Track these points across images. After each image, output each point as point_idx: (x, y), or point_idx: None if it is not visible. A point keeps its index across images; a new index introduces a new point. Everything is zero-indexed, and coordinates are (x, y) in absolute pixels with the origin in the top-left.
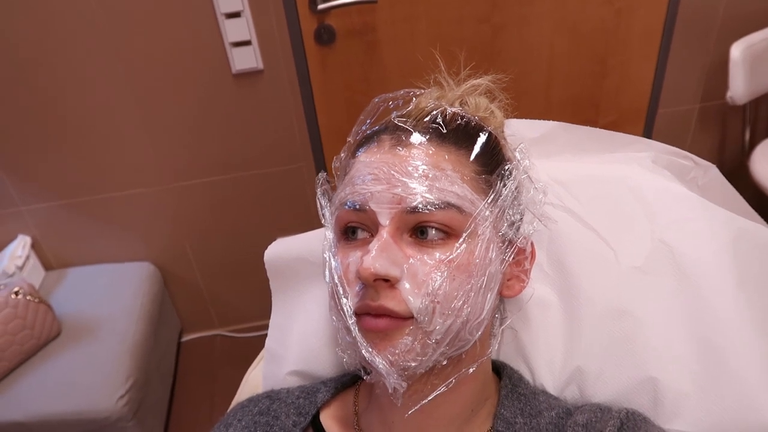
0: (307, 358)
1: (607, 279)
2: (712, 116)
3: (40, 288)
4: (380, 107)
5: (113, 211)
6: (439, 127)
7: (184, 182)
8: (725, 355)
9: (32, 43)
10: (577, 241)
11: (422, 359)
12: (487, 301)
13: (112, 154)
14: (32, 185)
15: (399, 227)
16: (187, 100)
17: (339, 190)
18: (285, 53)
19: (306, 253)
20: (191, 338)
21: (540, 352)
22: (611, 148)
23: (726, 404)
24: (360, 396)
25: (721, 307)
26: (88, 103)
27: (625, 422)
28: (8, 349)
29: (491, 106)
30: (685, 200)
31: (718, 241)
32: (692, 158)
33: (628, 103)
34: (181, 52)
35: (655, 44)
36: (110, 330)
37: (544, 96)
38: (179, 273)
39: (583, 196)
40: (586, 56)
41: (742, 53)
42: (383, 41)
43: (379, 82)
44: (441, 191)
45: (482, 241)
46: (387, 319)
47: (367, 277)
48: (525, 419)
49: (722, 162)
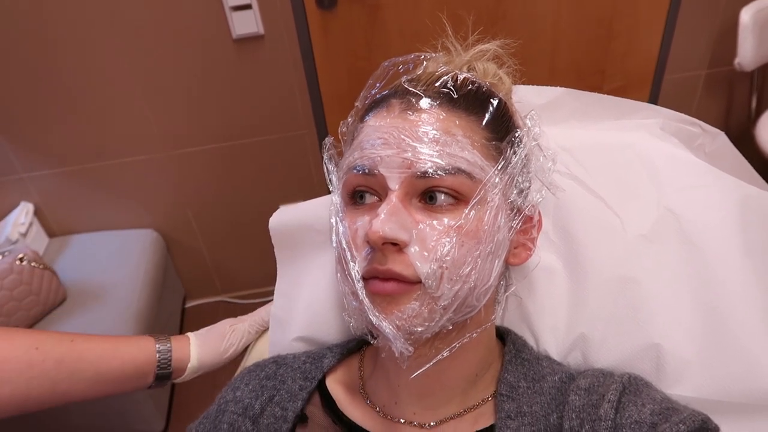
0: (313, 325)
1: (613, 246)
2: (719, 83)
3: (44, 255)
4: (389, 71)
5: (115, 178)
6: (449, 93)
7: (186, 149)
8: (730, 323)
9: (32, 11)
10: (584, 208)
11: (429, 324)
12: (494, 267)
13: (114, 121)
14: (34, 152)
15: (408, 192)
16: (188, 66)
17: (347, 155)
18: (286, 18)
19: (311, 220)
20: (195, 304)
21: (544, 319)
22: (619, 115)
23: (729, 371)
24: (365, 361)
25: (726, 275)
26: (88, 70)
27: (627, 386)
28: (15, 314)
29: (499, 72)
30: (692, 167)
31: (725, 208)
32: (700, 125)
33: (635, 69)
34: (180, 16)
35: (664, 8)
36: (114, 296)
37: (549, 61)
38: (182, 240)
39: (589, 163)
40: (592, 20)
41: (752, 17)
42: (386, 6)
43: (381, 48)
44: (451, 157)
45: (491, 208)
46: (395, 283)
47: (375, 241)
48: (528, 383)
49: (728, 129)
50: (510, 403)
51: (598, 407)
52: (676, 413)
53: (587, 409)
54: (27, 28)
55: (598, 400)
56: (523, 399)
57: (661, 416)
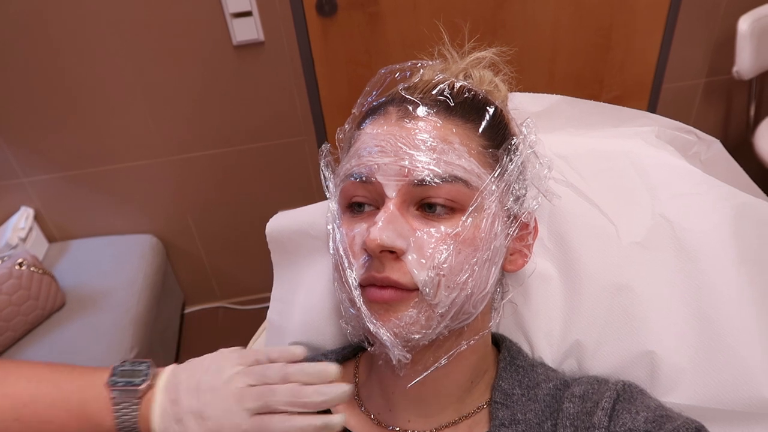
0: (309, 331)
1: (608, 254)
2: (718, 91)
3: (44, 260)
4: (387, 78)
5: (115, 183)
6: (446, 100)
7: (186, 155)
8: (723, 331)
9: (34, 16)
10: (579, 215)
11: (426, 332)
12: (491, 275)
13: (114, 127)
14: (34, 157)
15: (405, 200)
16: (189, 72)
17: (344, 162)
18: (286, 25)
19: (307, 226)
20: (194, 310)
21: (539, 326)
22: (615, 122)
23: (723, 378)
24: (360, 368)
25: (720, 283)
26: (89, 75)
27: (621, 393)
28: (13, 319)
29: (495, 80)
30: (687, 175)
31: (720, 216)
32: (696, 133)
33: (633, 78)
34: (181, 22)
35: (662, 16)
36: (114, 301)
37: (547, 70)
38: (181, 245)
39: (585, 170)
40: (590, 28)
41: (750, 26)
42: (385, 13)
43: (381, 55)
44: (448, 164)
45: (488, 216)
46: (392, 290)
47: (373, 249)
48: (523, 391)
49: (727, 137)
50: (504, 411)
51: (592, 415)
52: (670, 421)
53: (581, 416)
54: (28, 33)
55: (592, 408)
56: (518, 406)
57: (655, 424)
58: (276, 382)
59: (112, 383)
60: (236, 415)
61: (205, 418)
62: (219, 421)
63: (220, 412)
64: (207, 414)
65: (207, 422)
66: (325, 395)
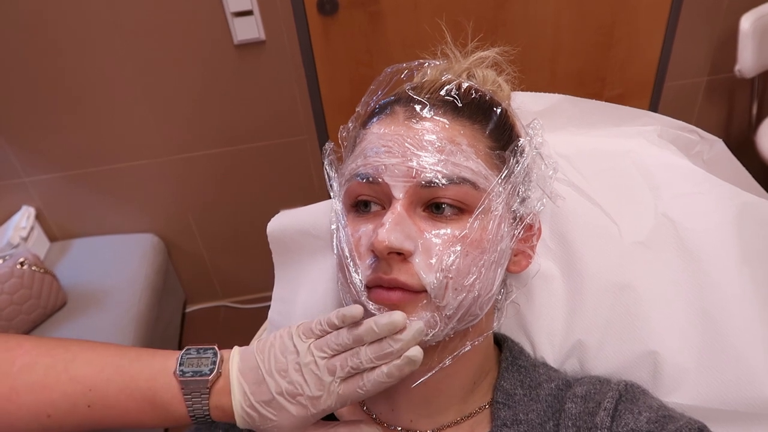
0: None
1: (610, 253)
2: (720, 90)
3: (45, 259)
4: (393, 77)
5: (117, 182)
6: (454, 101)
7: (188, 154)
8: (726, 330)
9: (35, 15)
10: (581, 215)
11: (433, 333)
12: (497, 276)
13: (115, 126)
14: (36, 157)
15: (413, 201)
16: (190, 71)
17: (349, 161)
18: (287, 24)
19: (309, 225)
20: (195, 309)
21: (541, 326)
22: (617, 121)
23: (726, 378)
24: None
25: (723, 282)
26: (90, 75)
27: (623, 394)
28: (15, 318)
29: (498, 79)
30: (689, 174)
31: (722, 215)
32: (698, 132)
33: (635, 76)
34: (182, 22)
35: (664, 15)
36: (115, 301)
37: (548, 69)
38: (183, 245)
39: (587, 170)
40: (592, 27)
41: (752, 24)
42: (386, 12)
43: (382, 54)
44: (456, 166)
45: (495, 218)
46: (400, 292)
47: (381, 250)
48: (525, 391)
49: (729, 136)
50: (506, 411)
51: (595, 415)
52: (672, 421)
53: (583, 416)
54: (30, 33)
55: (595, 408)
56: (520, 407)
57: (658, 424)
58: (352, 346)
59: (181, 373)
60: (329, 385)
61: (297, 395)
62: (313, 394)
63: (313, 387)
64: (299, 391)
65: (300, 398)
66: (402, 340)
